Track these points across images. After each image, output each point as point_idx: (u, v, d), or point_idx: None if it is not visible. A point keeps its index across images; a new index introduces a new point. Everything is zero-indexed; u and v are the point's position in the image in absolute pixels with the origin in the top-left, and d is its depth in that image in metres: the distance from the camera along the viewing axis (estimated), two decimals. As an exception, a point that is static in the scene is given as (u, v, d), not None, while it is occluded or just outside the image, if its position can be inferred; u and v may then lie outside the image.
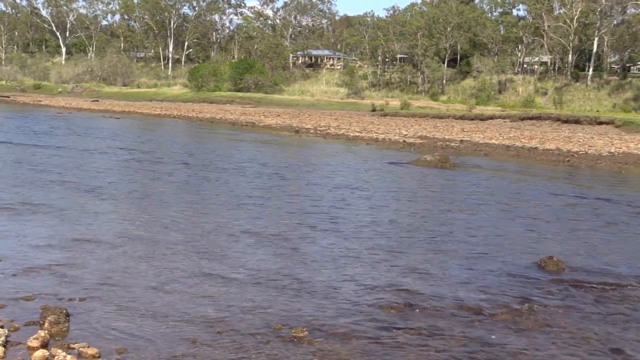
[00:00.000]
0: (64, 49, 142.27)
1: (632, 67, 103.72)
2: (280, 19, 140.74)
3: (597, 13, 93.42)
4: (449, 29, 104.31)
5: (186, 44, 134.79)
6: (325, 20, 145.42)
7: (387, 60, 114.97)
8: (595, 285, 11.57)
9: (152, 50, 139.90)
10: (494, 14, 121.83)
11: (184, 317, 9.16)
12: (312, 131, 51.18)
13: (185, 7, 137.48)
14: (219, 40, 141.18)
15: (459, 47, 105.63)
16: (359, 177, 25.76)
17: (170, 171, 25.00)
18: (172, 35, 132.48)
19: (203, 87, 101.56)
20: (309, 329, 8.88)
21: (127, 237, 13.49)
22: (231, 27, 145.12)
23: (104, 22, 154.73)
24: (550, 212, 19.38)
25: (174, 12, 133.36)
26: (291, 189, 21.88)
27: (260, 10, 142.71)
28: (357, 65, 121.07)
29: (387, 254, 13.21)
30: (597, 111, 74.35)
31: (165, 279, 10.87)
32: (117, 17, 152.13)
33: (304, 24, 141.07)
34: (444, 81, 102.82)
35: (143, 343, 8.26)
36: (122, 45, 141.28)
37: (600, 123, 55.32)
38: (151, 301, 9.75)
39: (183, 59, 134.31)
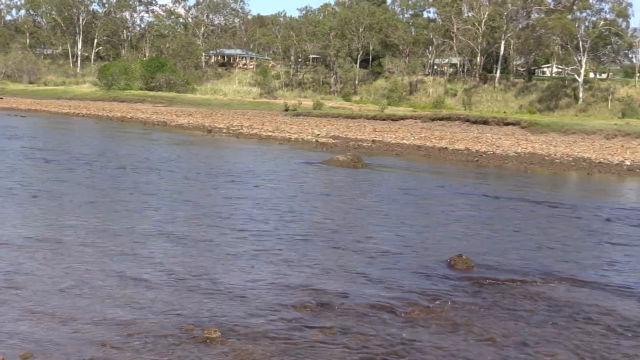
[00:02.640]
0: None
1: (536, 70, 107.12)
2: (192, 18, 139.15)
3: (504, 17, 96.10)
4: (361, 30, 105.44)
5: (96, 41, 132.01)
6: (238, 20, 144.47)
7: (300, 60, 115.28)
8: (502, 282, 11.90)
9: (60, 47, 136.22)
10: (405, 15, 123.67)
11: (93, 320, 8.96)
12: (224, 131, 50.88)
13: (94, 4, 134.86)
14: (129, 38, 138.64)
15: (371, 48, 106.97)
16: (271, 177, 25.73)
17: (78, 171, 24.39)
18: (81, 32, 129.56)
19: (113, 86, 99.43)
20: (222, 329, 8.83)
21: (33, 239, 13.10)
22: (142, 25, 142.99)
23: (8, 17, 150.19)
24: (459, 211, 19.81)
25: (82, 8, 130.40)
26: (202, 189, 21.69)
27: (172, 9, 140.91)
28: (270, 65, 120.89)
29: (299, 254, 13.24)
30: (505, 112, 76.29)
31: (74, 281, 10.61)
32: (22, 12, 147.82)
33: (216, 22, 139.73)
34: (356, 82, 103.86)
35: (50, 347, 8.05)
36: (27, 41, 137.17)
37: (507, 124, 56.68)
38: (59, 304, 9.50)
39: (92, 57, 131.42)
